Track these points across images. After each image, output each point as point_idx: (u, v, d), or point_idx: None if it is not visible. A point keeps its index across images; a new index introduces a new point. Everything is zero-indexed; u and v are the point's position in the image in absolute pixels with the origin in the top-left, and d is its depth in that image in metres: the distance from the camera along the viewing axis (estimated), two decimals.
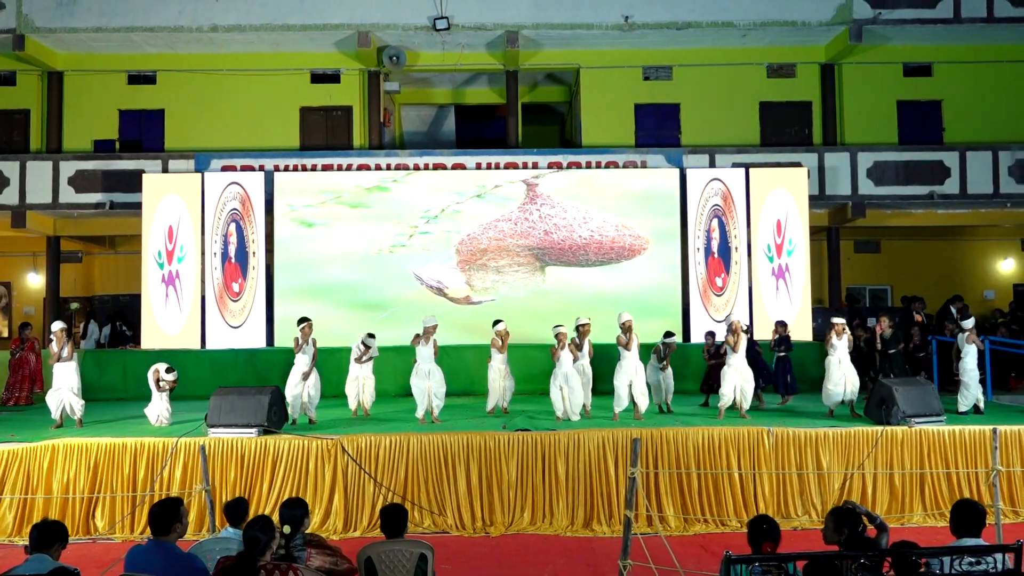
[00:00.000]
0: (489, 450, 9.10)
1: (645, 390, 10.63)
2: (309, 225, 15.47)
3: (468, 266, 15.43)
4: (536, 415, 10.92)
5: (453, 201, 15.53)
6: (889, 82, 17.46)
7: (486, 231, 15.47)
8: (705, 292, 15.42)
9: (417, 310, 14.25)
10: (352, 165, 16.29)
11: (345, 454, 9.05)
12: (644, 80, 17.73)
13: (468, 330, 14.78)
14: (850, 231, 18.05)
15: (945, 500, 9.15)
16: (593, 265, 15.46)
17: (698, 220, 15.55)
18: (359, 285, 15.34)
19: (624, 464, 8.98)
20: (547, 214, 15.48)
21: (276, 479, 9.07)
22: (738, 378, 10.68)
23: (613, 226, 15.49)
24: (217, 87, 17.39)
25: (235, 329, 15.16)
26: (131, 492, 8.97)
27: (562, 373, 10.46)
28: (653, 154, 16.42)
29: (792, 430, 9.37)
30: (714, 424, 9.76)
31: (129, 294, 17.08)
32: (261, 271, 15.35)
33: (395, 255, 15.43)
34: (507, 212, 15.51)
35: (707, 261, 15.50)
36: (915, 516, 9.19)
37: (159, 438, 9.27)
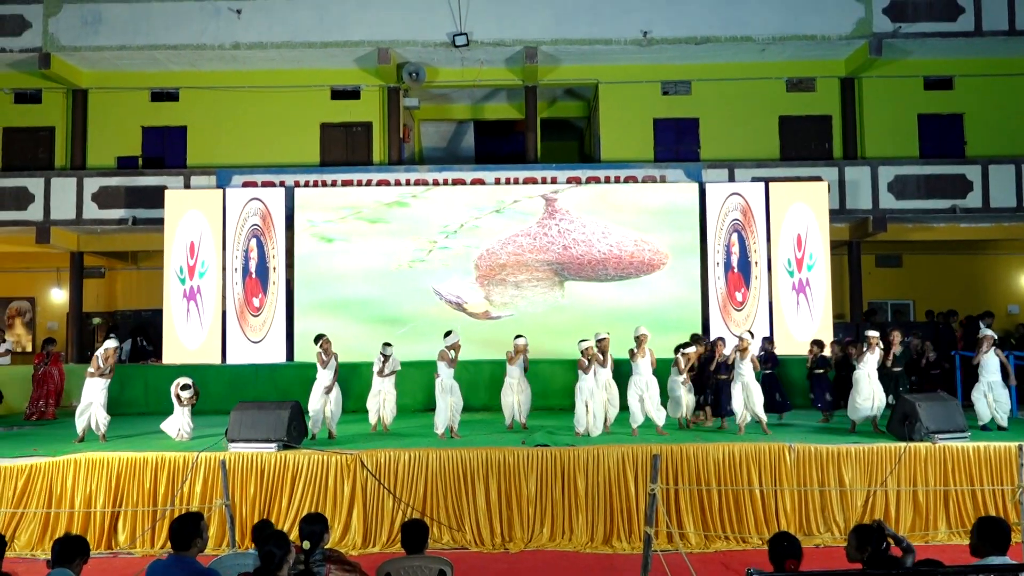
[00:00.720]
0: (508, 466, 9.08)
1: (659, 404, 10.56)
2: (329, 240, 15.54)
3: (487, 281, 15.46)
4: (555, 430, 10.88)
5: (472, 216, 15.57)
6: (910, 95, 17.38)
7: (505, 246, 15.49)
8: (725, 307, 15.35)
9: (437, 325, 14.24)
10: (372, 181, 16.37)
11: (364, 469, 9.05)
12: (663, 95, 17.74)
13: (487, 345, 14.79)
14: (871, 245, 17.93)
15: (970, 517, 9.03)
16: (612, 280, 15.44)
17: (717, 235, 15.51)
18: (379, 300, 15.39)
19: (644, 480, 8.93)
20: (566, 229, 15.49)
21: (296, 494, 9.09)
22: (743, 394, 10.62)
23: (632, 241, 15.48)
24: (238, 104, 17.56)
25: (255, 344, 15.23)
26: (152, 507, 9.01)
27: (587, 388, 10.42)
28: (672, 169, 16.41)
29: (814, 446, 9.29)
30: (734, 440, 9.70)
31: (151, 309, 17.23)
32: (281, 286, 15.42)
33: (414, 270, 15.48)
34: (526, 227, 15.54)
35: (727, 276, 15.45)
36: (939, 533, 9.07)
37: (180, 453, 9.32)
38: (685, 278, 15.44)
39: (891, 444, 9.46)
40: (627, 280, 15.43)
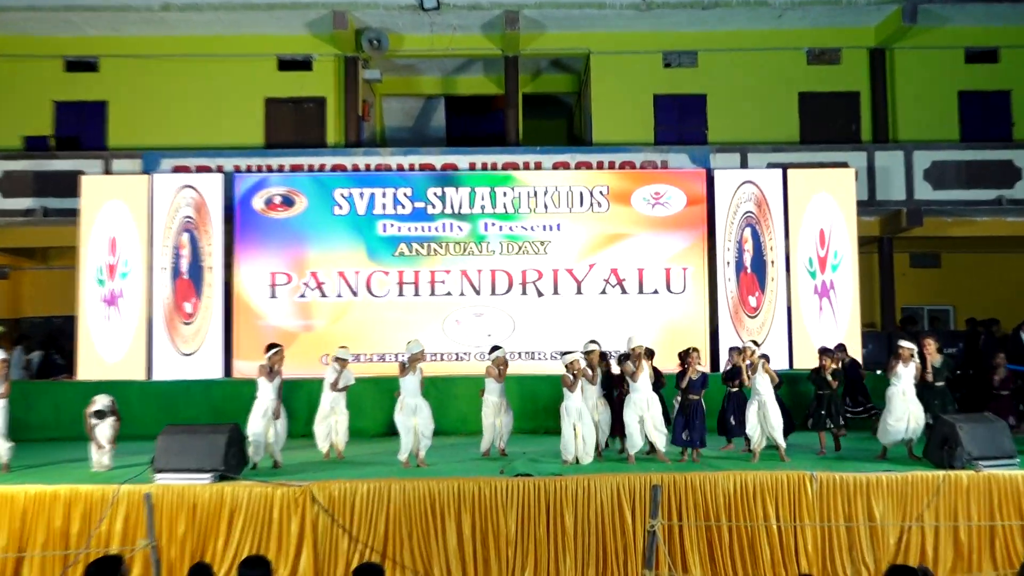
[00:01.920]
0: (484, 499, 9.03)
1: (662, 426, 10.56)
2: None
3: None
4: (539, 457, 10.84)
5: None
6: (949, 70, 17.53)
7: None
8: (736, 313, 15.39)
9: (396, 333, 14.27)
10: (326, 166, 16.34)
11: (315, 503, 8.97)
12: (664, 67, 17.80)
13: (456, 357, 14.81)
14: (905, 242, 18.06)
15: (1019, 556, 9.07)
16: (602, 282, 15.52)
17: (728, 229, 15.54)
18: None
19: (642, 515, 8.90)
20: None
21: (234, 533, 8.99)
22: (759, 414, 10.64)
23: (628, 236, 15.55)
24: (169, 76, 17.44)
25: (187, 357, 15.13)
26: (63, 550, 8.88)
27: (575, 408, 10.40)
28: (675, 153, 16.47)
29: (839, 475, 9.30)
30: (747, 468, 9.70)
31: (64, 316, 17.01)
32: (218, 289, 15.35)
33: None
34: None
35: (739, 277, 15.49)
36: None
37: (97, 486, 9.18)
38: (690, 280, 15.51)
39: (928, 472, 9.48)
40: (623, 282, 15.48)
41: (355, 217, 15.57)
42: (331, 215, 15.59)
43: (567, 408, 10.44)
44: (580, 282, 15.55)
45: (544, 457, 10.88)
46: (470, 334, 15.41)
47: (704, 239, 15.67)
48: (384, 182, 15.76)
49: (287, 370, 11.57)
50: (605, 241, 15.62)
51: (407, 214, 15.60)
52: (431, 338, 14.74)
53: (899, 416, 10.69)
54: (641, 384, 10.53)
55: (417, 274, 15.53)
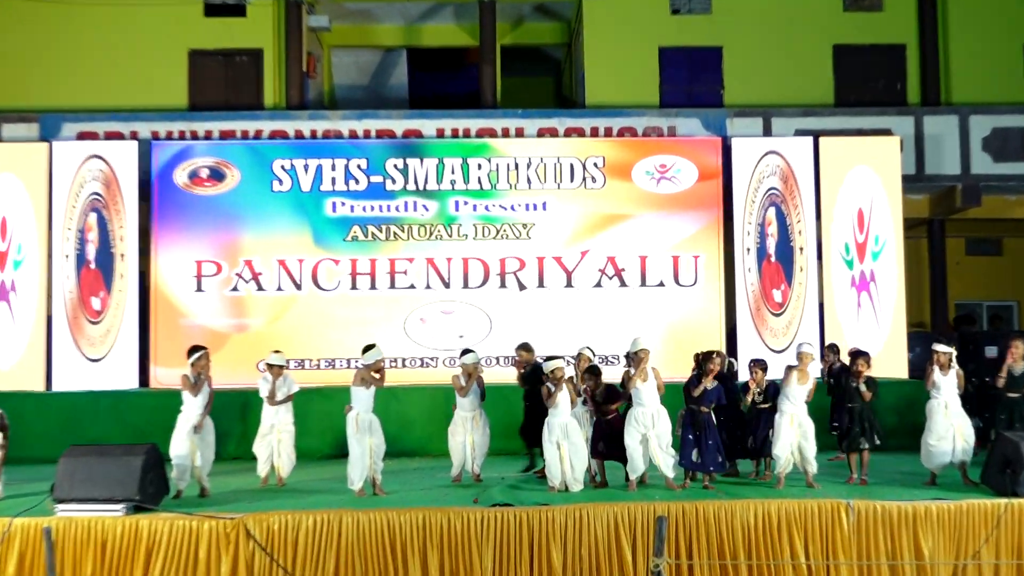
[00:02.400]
0: (455, 533, 9.01)
1: (669, 446, 10.54)
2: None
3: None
4: (521, 484, 10.85)
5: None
6: (1012, 18, 17.59)
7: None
8: (758, 310, 15.42)
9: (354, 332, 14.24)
10: (263, 132, 16.27)
11: (250, 539, 8.93)
12: (672, 14, 17.80)
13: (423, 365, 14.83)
14: (960, 225, 18.14)
15: None
16: (598, 275, 15.57)
17: (748, 210, 15.57)
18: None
19: (645, 552, 8.90)
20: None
21: (152, 574, 8.96)
22: (793, 431, 10.62)
23: (628, 218, 15.59)
24: (71, 22, 17.28)
25: (95, 363, 15.04)
26: None
27: (559, 424, 10.38)
28: (685, 117, 16.46)
29: (880, 504, 9.33)
30: (770, 496, 9.72)
31: None
32: (133, 281, 15.29)
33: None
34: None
35: (761, 267, 15.52)
36: None
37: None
38: (702, 271, 15.55)
39: (987, 501, 9.51)
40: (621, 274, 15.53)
41: (299, 194, 15.52)
42: (269, 192, 15.53)
43: (550, 425, 10.41)
44: (570, 273, 15.57)
45: (526, 483, 10.87)
46: (438, 335, 15.40)
47: (719, 221, 15.69)
48: (334, 152, 15.70)
49: (218, 379, 11.49)
50: (600, 223, 15.64)
51: (361, 191, 15.57)
52: (391, 340, 14.69)
53: (941, 434, 10.70)
54: (645, 395, 10.51)
55: (374, 263, 15.50)
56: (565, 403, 10.48)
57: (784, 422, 10.58)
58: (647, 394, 10.51)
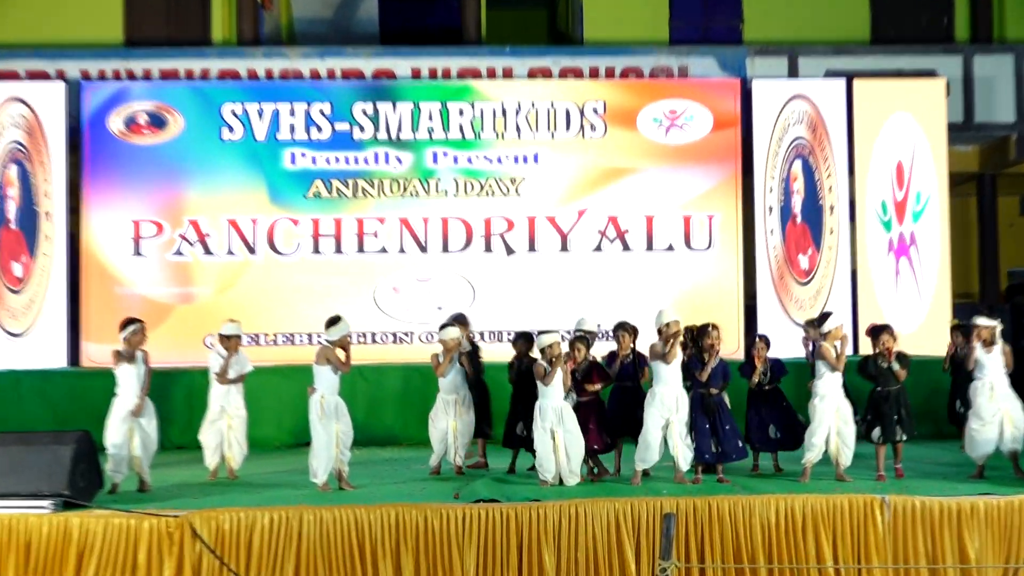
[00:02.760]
0: (433, 533, 9.01)
1: (687, 435, 10.54)
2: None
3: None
4: (509, 477, 10.88)
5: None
6: None
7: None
8: (782, 278, 15.42)
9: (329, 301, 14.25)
10: (210, 72, 16.22)
11: (196, 540, 8.92)
12: None
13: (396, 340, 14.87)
14: (1014, 181, 18.12)
15: None
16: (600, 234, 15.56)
17: (771, 163, 15.55)
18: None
19: (649, 555, 8.92)
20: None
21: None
22: (833, 416, 10.61)
23: (630, 174, 15.56)
24: None
25: (16, 338, 15.01)
26: None
27: (552, 408, 10.38)
28: (699, 56, 16.42)
29: (919, 500, 9.34)
30: (794, 491, 9.72)
31: None
32: (60, 244, 15.24)
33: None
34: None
35: (785, 229, 15.51)
36: None
37: None
38: (717, 234, 15.54)
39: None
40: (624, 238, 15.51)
41: (252, 144, 15.47)
42: (218, 141, 15.47)
43: (542, 410, 10.40)
44: (566, 235, 15.56)
45: (515, 477, 10.91)
46: (413, 306, 15.40)
47: (737, 176, 15.68)
48: (292, 95, 15.64)
49: (160, 357, 11.49)
50: (601, 178, 15.61)
51: (325, 140, 15.53)
52: (359, 312, 14.69)
53: (986, 419, 10.72)
54: (668, 375, 10.48)
55: (339, 223, 15.48)
56: (559, 384, 10.47)
57: (825, 407, 10.55)
58: (671, 374, 10.50)
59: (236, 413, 11.46)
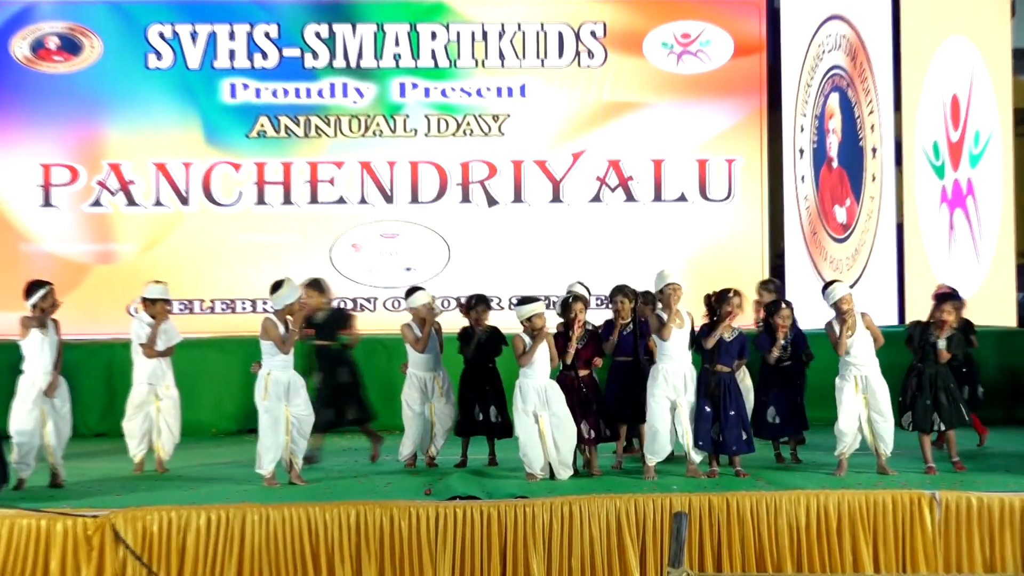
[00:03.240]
0: (401, 536, 9.03)
1: None
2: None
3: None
4: (491, 471, 10.95)
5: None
6: None
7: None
8: (815, 234, 15.48)
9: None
10: None
11: (119, 544, 8.97)
12: None
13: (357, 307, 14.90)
14: None
15: None
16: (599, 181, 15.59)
17: (802, 98, 15.58)
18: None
19: (656, 561, 8.98)
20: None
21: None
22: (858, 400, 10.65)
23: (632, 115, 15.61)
24: None
25: None
26: None
27: (535, 388, 10.41)
28: None
29: (976, 496, 9.38)
30: (827, 486, 9.78)
31: None
32: None
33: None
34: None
35: (818, 175, 15.56)
36: None
37: None
38: (738, 180, 15.60)
39: None
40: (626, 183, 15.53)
41: (184, 73, 15.47)
42: (143, 69, 15.46)
43: (523, 391, 10.40)
44: (558, 182, 15.62)
45: (498, 469, 10.97)
46: (377, 268, 15.49)
47: (762, 113, 15.73)
48: (232, 15, 15.61)
49: (74, 327, 11.48)
50: (600, 115, 15.67)
51: (271, 69, 15.54)
52: (313, 273, 14.53)
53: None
54: (672, 349, 10.50)
55: (288, 168, 15.53)
56: (544, 361, 10.49)
57: (846, 388, 10.62)
58: (675, 346, 10.52)
59: (166, 394, 11.41)
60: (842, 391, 10.53)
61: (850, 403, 10.51)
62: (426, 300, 11.42)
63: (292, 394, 10.41)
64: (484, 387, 11.15)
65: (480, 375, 11.33)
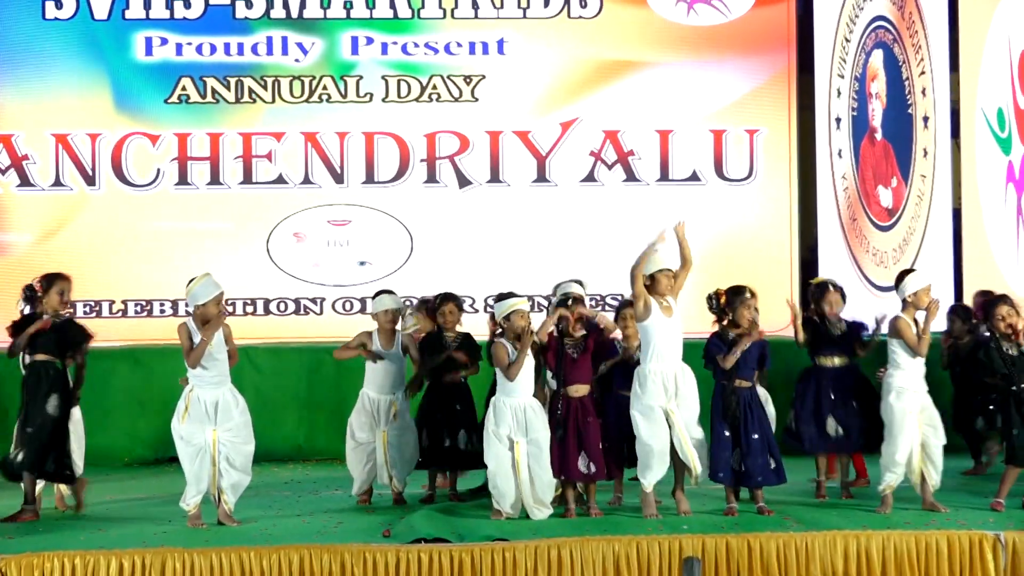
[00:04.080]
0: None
1: (700, 435, 10.58)
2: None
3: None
4: (460, 508, 10.99)
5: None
6: None
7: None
8: (854, 220, 15.55)
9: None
10: None
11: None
12: None
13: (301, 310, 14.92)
14: None
15: None
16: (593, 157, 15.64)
17: (838, 56, 15.64)
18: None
19: None
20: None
21: None
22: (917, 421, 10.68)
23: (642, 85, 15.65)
24: None
25: None
26: None
27: (513, 408, 10.40)
28: None
29: None
30: (869, 525, 9.84)
31: None
32: None
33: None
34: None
35: (858, 150, 15.62)
36: None
37: None
38: (761, 155, 15.67)
39: None
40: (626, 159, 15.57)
41: (88, 24, 15.50)
42: (39, 20, 15.51)
43: (498, 410, 10.41)
44: (544, 158, 15.69)
45: (466, 506, 11.04)
46: (324, 261, 15.53)
47: (791, 74, 15.85)
48: None
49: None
50: (595, 77, 15.75)
51: (195, 20, 15.58)
52: (247, 269, 14.85)
53: None
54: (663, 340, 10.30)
55: (216, 141, 15.58)
56: (528, 374, 10.46)
57: (905, 409, 10.60)
58: (665, 337, 10.47)
59: (74, 417, 11.44)
60: (900, 413, 10.53)
61: (910, 429, 10.53)
62: (394, 304, 11.42)
63: (222, 416, 10.37)
64: (454, 407, 11.12)
65: (448, 393, 11.36)
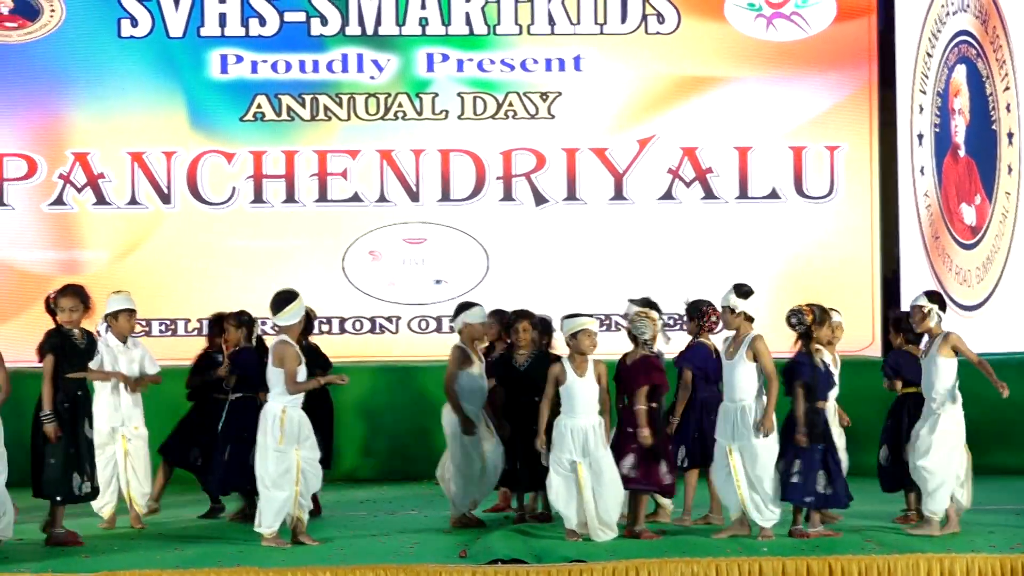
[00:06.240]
0: None
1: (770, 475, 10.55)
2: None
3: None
4: (536, 528, 11.01)
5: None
6: None
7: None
8: (936, 238, 15.47)
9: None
10: None
11: None
12: None
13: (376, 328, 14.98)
14: None
15: None
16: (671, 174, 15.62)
17: (920, 72, 15.57)
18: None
19: None
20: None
21: None
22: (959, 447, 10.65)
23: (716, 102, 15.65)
24: None
25: None
26: None
27: (575, 430, 10.38)
28: None
29: None
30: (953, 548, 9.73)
31: None
32: None
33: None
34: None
35: (941, 167, 15.54)
36: None
37: None
38: (842, 172, 15.58)
39: None
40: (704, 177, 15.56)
41: (164, 43, 15.57)
42: (115, 39, 15.57)
43: (561, 432, 10.41)
44: (621, 176, 15.65)
45: (544, 526, 11.05)
46: (400, 280, 15.54)
47: (871, 90, 15.72)
48: None
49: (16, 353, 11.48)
50: (672, 94, 15.71)
51: (271, 37, 15.64)
52: (322, 288, 14.83)
53: None
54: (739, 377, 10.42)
55: (291, 159, 15.63)
56: (589, 396, 10.46)
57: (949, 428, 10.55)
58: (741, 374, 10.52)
59: (136, 433, 11.48)
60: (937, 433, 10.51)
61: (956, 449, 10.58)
62: (481, 317, 11.42)
63: (303, 436, 10.39)
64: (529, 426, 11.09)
65: (520, 412, 11.35)
